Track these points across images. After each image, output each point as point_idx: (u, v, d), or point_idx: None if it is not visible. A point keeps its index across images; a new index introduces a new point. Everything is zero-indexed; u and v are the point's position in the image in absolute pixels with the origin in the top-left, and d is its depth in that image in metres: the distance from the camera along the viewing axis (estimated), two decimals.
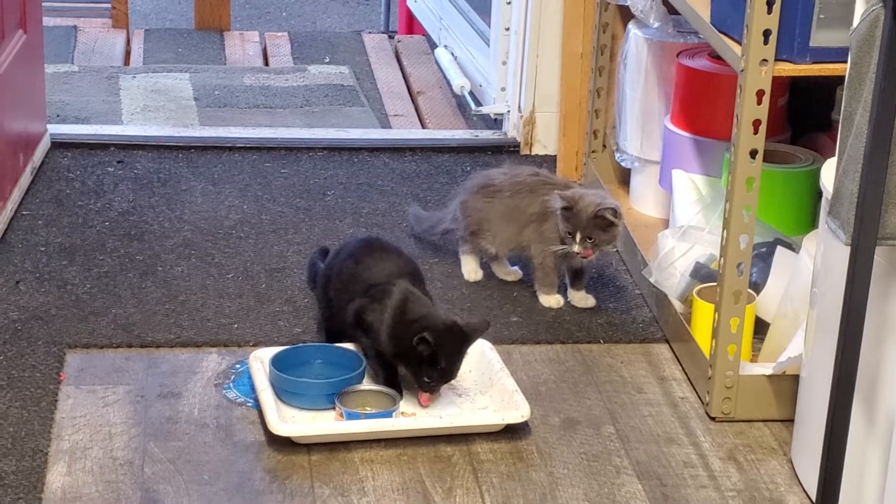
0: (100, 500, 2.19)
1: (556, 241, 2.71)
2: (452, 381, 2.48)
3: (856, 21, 2.13)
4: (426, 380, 2.39)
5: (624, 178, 3.24)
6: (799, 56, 2.32)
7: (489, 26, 3.73)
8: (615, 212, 2.69)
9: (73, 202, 3.15)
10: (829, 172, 2.18)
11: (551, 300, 2.79)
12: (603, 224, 2.67)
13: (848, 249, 1.98)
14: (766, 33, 2.29)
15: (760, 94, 2.32)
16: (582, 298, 2.80)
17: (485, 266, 2.92)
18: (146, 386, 2.49)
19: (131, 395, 2.46)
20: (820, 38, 2.31)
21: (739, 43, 2.36)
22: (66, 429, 2.36)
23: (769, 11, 2.28)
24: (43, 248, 2.93)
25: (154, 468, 2.27)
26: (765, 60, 2.31)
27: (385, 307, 2.42)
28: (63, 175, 3.28)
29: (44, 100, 3.40)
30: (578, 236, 2.67)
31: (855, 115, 2.00)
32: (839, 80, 2.47)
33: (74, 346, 2.59)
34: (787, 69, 2.33)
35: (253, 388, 2.45)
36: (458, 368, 2.42)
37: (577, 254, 2.69)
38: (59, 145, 3.41)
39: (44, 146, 3.36)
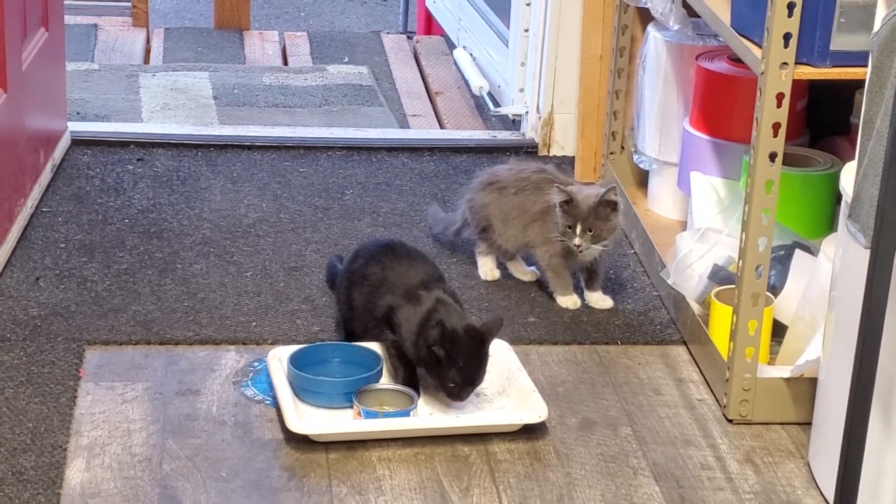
0: (118, 496, 2.20)
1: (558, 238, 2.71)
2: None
3: (877, 25, 2.13)
4: (451, 385, 2.39)
5: (642, 180, 3.25)
6: (819, 59, 2.32)
7: (508, 27, 3.73)
8: (614, 190, 2.70)
9: (93, 199, 3.16)
10: (848, 176, 2.18)
11: (568, 301, 2.79)
12: (604, 214, 2.67)
13: (868, 252, 1.98)
14: (787, 36, 2.29)
15: (780, 97, 2.32)
16: (600, 300, 2.80)
17: (502, 266, 2.93)
18: (165, 383, 2.50)
19: (150, 391, 2.47)
20: (840, 41, 2.31)
21: (759, 46, 2.36)
22: (85, 425, 2.37)
23: (790, 15, 2.28)
24: (63, 245, 2.95)
25: (172, 465, 2.28)
26: (785, 63, 2.31)
27: (417, 312, 2.43)
28: (83, 172, 3.29)
29: (64, 97, 3.42)
30: (579, 228, 2.67)
31: (875, 118, 2.00)
32: (858, 83, 2.48)
33: (94, 342, 2.60)
34: (808, 72, 2.33)
35: (271, 386, 2.46)
36: (481, 371, 2.41)
37: (578, 247, 2.68)
38: (79, 143, 3.43)
39: (64, 144, 3.38)
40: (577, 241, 2.67)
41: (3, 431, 2.31)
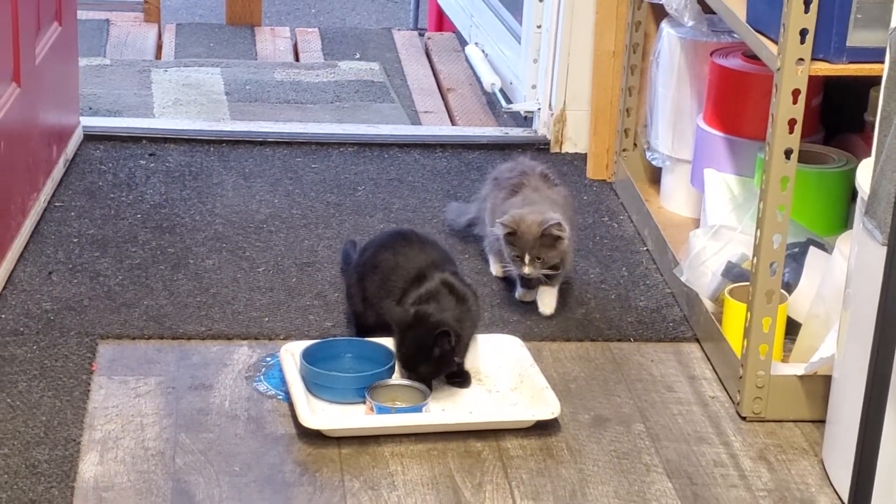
0: (131, 489, 2.20)
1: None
2: (483, 379, 2.50)
3: (894, 21, 2.13)
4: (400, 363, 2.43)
5: (654, 176, 3.24)
6: (835, 56, 2.32)
7: (520, 24, 3.73)
8: (559, 225, 2.65)
9: (106, 194, 3.16)
10: (865, 172, 2.17)
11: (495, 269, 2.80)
12: (549, 242, 2.64)
13: (884, 250, 1.97)
14: (803, 32, 2.28)
15: (796, 93, 2.31)
16: (546, 304, 2.73)
17: None
18: (177, 377, 2.50)
19: (163, 386, 2.47)
20: (857, 37, 2.30)
21: (775, 42, 2.36)
22: (99, 419, 2.37)
23: (806, 10, 2.27)
24: (75, 240, 2.95)
25: (185, 459, 2.28)
26: (801, 59, 2.30)
27: (419, 290, 2.46)
28: (95, 167, 3.29)
29: (77, 92, 3.42)
30: (527, 258, 2.64)
31: (893, 115, 1.99)
32: (872, 80, 2.47)
33: (106, 336, 2.60)
34: (824, 69, 2.32)
35: (283, 381, 2.46)
36: (424, 363, 2.40)
37: (527, 275, 2.66)
38: (91, 138, 3.43)
39: (76, 138, 3.38)
40: (526, 269, 2.65)
41: (16, 425, 2.32)
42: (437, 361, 2.40)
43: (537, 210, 2.69)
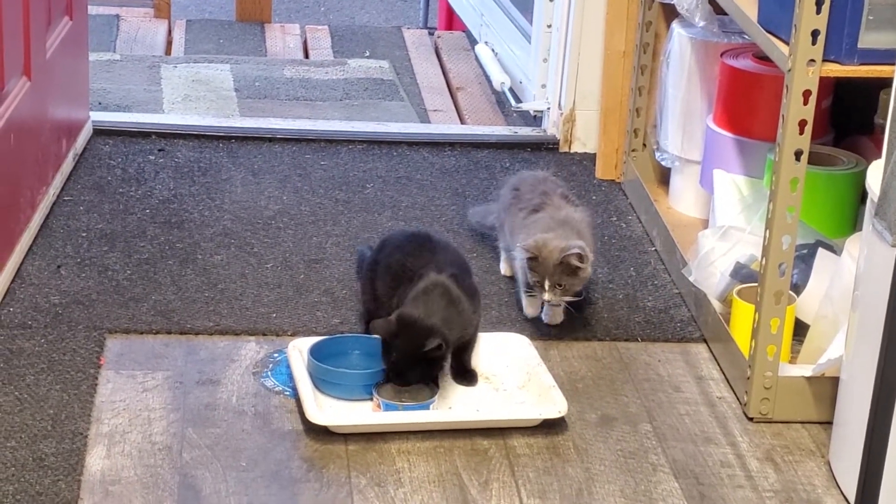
0: (138, 483, 2.20)
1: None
2: (490, 377, 2.50)
3: None
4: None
5: (663, 177, 3.24)
6: (847, 57, 2.31)
7: (531, 23, 3.73)
8: (581, 256, 2.59)
9: (115, 189, 3.17)
10: (875, 174, 2.17)
11: (529, 308, 2.71)
12: (570, 269, 2.59)
13: (894, 251, 1.97)
14: (815, 33, 2.28)
15: (807, 94, 2.31)
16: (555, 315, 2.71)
17: None
18: (185, 372, 2.50)
19: (170, 380, 2.48)
20: (868, 39, 2.30)
21: (787, 43, 2.36)
22: (106, 413, 2.37)
23: (818, 11, 2.27)
24: (84, 234, 2.95)
25: (192, 454, 2.28)
26: (812, 61, 2.30)
27: (412, 287, 2.44)
28: (105, 162, 3.30)
29: (87, 87, 3.42)
30: (547, 284, 2.59)
31: None
32: (883, 82, 2.46)
33: (114, 331, 2.61)
34: (835, 70, 2.32)
35: (291, 377, 2.46)
36: (410, 369, 2.37)
37: (548, 301, 2.62)
38: (100, 132, 3.43)
39: (86, 133, 3.38)
40: (546, 296, 2.60)
41: (24, 418, 2.32)
42: (425, 364, 2.37)
43: (561, 235, 2.64)
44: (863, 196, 2.61)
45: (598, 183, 3.36)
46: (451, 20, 4.68)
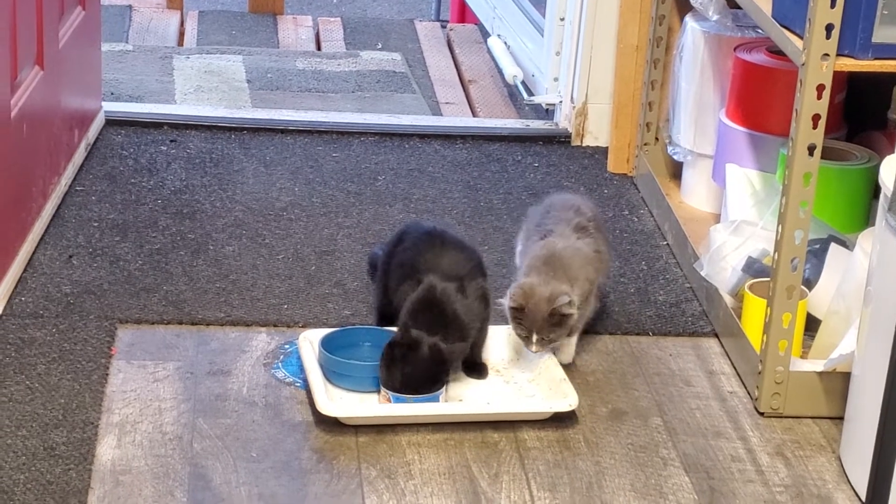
0: (148, 473, 2.21)
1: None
2: (501, 370, 2.49)
3: None
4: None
5: (675, 171, 3.23)
6: (861, 52, 2.31)
7: (543, 16, 3.72)
8: (570, 303, 2.43)
9: (126, 179, 3.17)
10: (888, 169, 2.16)
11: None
12: (556, 320, 2.45)
13: None
14: (829, 27, 2.27)
15: (821, 88, 2.30)
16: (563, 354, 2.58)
17: None
18: (196, 363, 2.50)
19: (181, 371, 2.48)
20: (883, 34, 2.29)
21: (801, 37, 2.35)
22: (117, 402, 2.37)
23: (832, 6, 2.26)
24: (96, 224, 2.95)
25: (203, 444, 2.28)
26: (826, 55, 2.29)
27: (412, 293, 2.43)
28: (116, 152, 3.30)
29: (100, 77, 3.43)
30: (535, 337, 2.46)
31: None
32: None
33: (126, 321, 2.61)
34: (849, 64, 2.31)
35: (301, 369, 2.46)
36: (406, 385, 2.36)
37: (534, 352, 2.48)
38: (112, 123, 3.43)
39: (98, 123, 3.38)
40: (533, 348, 2.47)
41: (35, 407, 2.32)
42: (427, 381, 2.37)
43: (544, 280, 2.46)
44: (876, 191, 2.61)
45: (609, 177, 3.36)
46: (464, 13, 4.68)
